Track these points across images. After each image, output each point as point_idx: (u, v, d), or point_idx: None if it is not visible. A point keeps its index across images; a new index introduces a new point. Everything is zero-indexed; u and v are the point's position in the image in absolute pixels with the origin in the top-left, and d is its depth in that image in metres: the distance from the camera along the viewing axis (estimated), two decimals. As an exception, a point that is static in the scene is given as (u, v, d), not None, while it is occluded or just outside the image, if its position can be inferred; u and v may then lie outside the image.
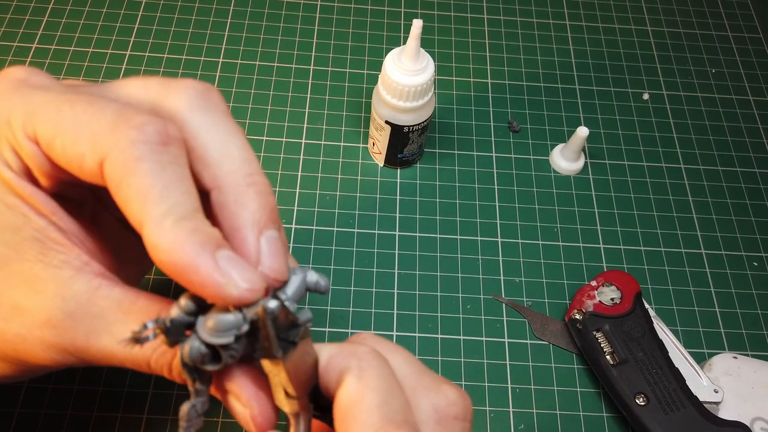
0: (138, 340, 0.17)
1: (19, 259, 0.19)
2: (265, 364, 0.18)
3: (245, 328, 0.17)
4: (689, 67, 0.47)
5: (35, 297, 0.18)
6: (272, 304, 0.17)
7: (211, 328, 0.17)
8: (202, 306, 0.17)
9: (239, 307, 0.17)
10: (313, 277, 0.19)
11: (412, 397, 0.18)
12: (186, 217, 0.17)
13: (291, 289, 0.18)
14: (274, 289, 0.18)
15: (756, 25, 0.50)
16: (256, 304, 0.17)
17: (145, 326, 0.17)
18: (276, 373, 0.17)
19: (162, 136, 0.17)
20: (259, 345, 0.17)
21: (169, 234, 0.16)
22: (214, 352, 0.17)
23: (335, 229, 0.37)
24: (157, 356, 0.18)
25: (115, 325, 0.18)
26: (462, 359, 0.33)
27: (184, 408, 0.18)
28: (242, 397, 0.18)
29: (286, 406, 0.18)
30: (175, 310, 0.17)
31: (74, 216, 0.20)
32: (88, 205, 0.22)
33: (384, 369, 0.18)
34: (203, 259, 0.16)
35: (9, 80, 0.19)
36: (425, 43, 0.46)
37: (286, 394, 0.18)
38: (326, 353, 0.18)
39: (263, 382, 0.18)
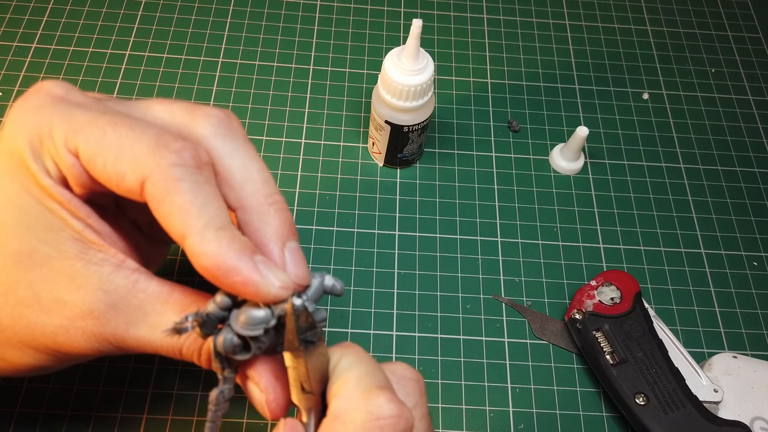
0: (178, 330, 0.19)
1: (61, 257, 0.20)
2: (287, 357, 0.20)
3: (273, 322, 0.19)
4: (689, 66, 0.47)
5: (78, 291, 0.20)
6: (297, 301, 0.19)
7: (243, 322, 0.19)
8: (234, 303, 0.20)
9: (269, 304, 0.19)
10: (329, 281, 0.21)
11: None
12: (224, 228, 0.19)
13: (311, 291, 0.21)
14: (297, 292, 0.20)
15: (755, 25, 0.50)
16: (284, 302, 0.19)
17: (186, 318, 0.19)
18: (295, 366, 0.20)
19: (196, 160, 0.20)
20: (284, 339, 0.19)
21: (212, 242, 0.19)
22: (244, 343, 0.20)
23: (335, 228, 0.37)
24: (189, 344, 0.21)
25: (153, 316, 0.21)
26: (462, 359, 0.33)
27: (214, 393, 0.20)
28: (261, 383, 0.21)
29: (302, 401, 0.20)
30: (212, 306, 0.20)
31: (104, 219, 0.22)
32: (110, 209, 0.24)
33: (364, 354, 0.21)
34: (244, 263, 0.19)
35: (47, 95, 0.21)
36: (425, 43, 0.46)
37: (303, 389, 0.20)
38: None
39: (281, 374, 0.21)
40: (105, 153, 0.20)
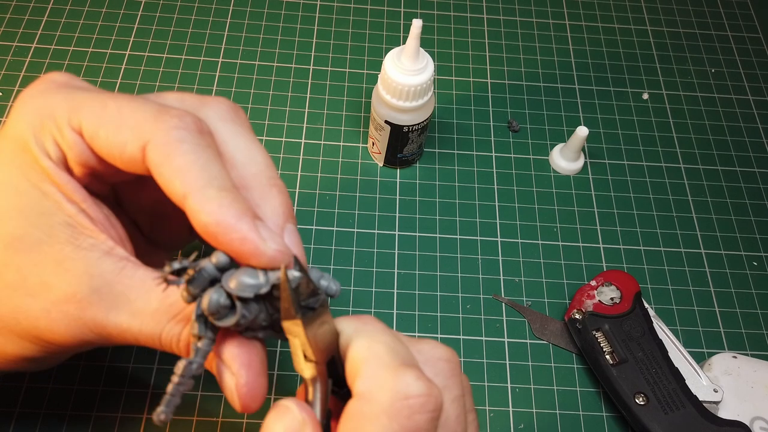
0: (168, 280, 0.18)
1: (51, 242, 0.20)
2: (286, 326, 0.19)
3: (265, 289, 0.19)
4: (689, 66, 0.47)
5: (64, 275, 0.20)
6: (294, 273, 0.19)
7: (236, 283, 0.19)
8: (230, 266, 0.19)
9: (265, 270, 0.19)
10: (325, 281, 0.20)
11: None
12: (226, 188, 0.19)
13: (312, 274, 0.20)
14: (299, 265, 0.20)
15: (755, 25, 0.50)
16: (279, 271, 0.19)
17: (180, 264, 0.18)
18: (296, 334, 0.19)
19: (198, 125, 0.20)
20: (272, 315, 0.19)
21: (213, 201, 0.19)
22: (230, 308, 0.19)
23: (335, 228, 0.37)
24: (169, 330, 0.20)
25: (136, 303, 0.20)
26: (462, 359, 0.33)
27: (181, 363, 0.19)
28: (233, 366, 0.19)
29: (306, 370, 0.19)
30: (207, 262, 0.19)
31: (103, 210, 0.22)
32: (109, 202, 0.24)
33: (388, 329, 0.20)
34: (244, 222, 0.19)
35: (51, 82, 0.22)
36: (425, 43, 0.46)
37: (305, 357, 0.19)
38: (341, 324, 0.20)
39: (257, 361, 0.20)
40: (106, 124, 0.20)
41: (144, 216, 0.27)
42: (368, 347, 0.19)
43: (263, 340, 0.21)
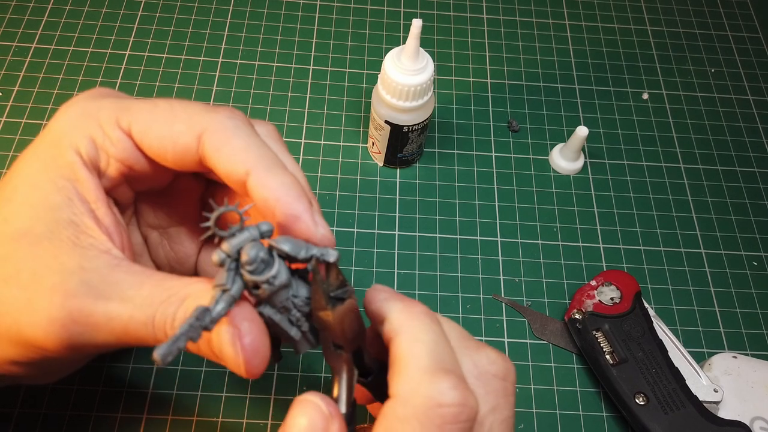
0: (213, 231, 0.18)
1: (52, 237, 0.20)
2: (317, 316, 0.20)
3: (304, 254, 0.20)
4: (688, 66, 0.47)
5: (57, 268, 0.20)
6: (333, 256, 0.20)
7: (283, 242, 0.20)
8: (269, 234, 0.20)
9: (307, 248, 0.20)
10: (317, 251, 0.21)
11: (457, 354, 0.20)
12: (287, 170, 0.21)
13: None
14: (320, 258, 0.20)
15: (755, 25, 0.50)
16: (317, 258, 0.20)
17: (235, 206, 0.19)
18: (325, 325, 0.20)
19: (247, 119, 0.22)
20: (311, 298, 0.20)
21: (277, 177, 0.21)
22: (266, 267, 0.19)
23: (335, 228, 0.37)
24: (163, 309, 0.19)
25: (129, 291, 0.20)
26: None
27: (197, 309, 0.18)
28: (237, 319, 0.19)
29: (333, 358, 0.20)
30: (252, 226, 0.20)
31: (113, 213, 0.22)
32: (128, 215, 0.26)
33: (434, 326, 0.20)
34: (302, 203, 0.21)
35: (100, 90, 0.24)
36: (425, 43, 0.45)
37: (335, 345, 0.20)
38: (389, 312, 0.20)
39: (261, 322, 0.19)
40: (159, 119, 0.22)
41: (155, 238, 0.27)
42: (409, 347, 0.19)
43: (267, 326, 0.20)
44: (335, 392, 0.20)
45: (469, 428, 0.18)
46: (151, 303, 0.19)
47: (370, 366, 0.21)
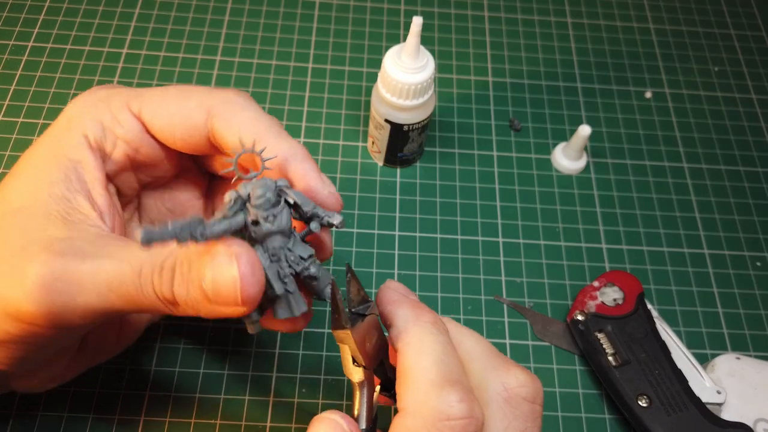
0: (234, 168, 0.20)
1: (43, 211, 0.21)
2: (336, 334, 0.20)
3: (309, 208, 0.21)
4: (692, 65, 0.46)
5: (45, 237, 0.20)
6: (337, 219, 0.22)
7: (293, 192, 0.21)
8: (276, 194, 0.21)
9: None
10: (322, 213, 0.22)
11: (481, 377, 0.20)
12: (292, 139, 0.23)
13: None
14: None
15: (759, 23, 0.49)
16: (321, 218, 0.22)
17: (251, 149, 0.20)
18: (346, 341, 0.20)
19: (253, 99, 0.24)
20: (332, 318, 0.20)
21: (287, 141, 0.23)
22: (272, 206, 0.20)
23: (334, 229, 0.37)
24: (152, 260, 0.19)
25: (118, 251, 0.20)
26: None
27: (192, 216, 0.18)
28: (232, 245, 0.19)
29: (354, 374, 0.20)
30: (272, 179, 0.21)
31: (109, 196, 0.23)
32: (130, 209, 0.26)
33: (440, 336, 0.20)
34: (311, 162, 0.23)
35: (110, 85, 0.25)
36: (425, 41, 0.45)
37: (355, 362, 0.20)
38: (396, 319, 0.20)
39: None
40: (170, 100, 0.23)
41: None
42: (416, 360, 0.19)
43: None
44: (356, 409, 0.20)
45: None
46: (138, 256, 0.20)
47: (393, 378, 0.21)
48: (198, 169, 0.28)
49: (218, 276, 0.18)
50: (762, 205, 0.40)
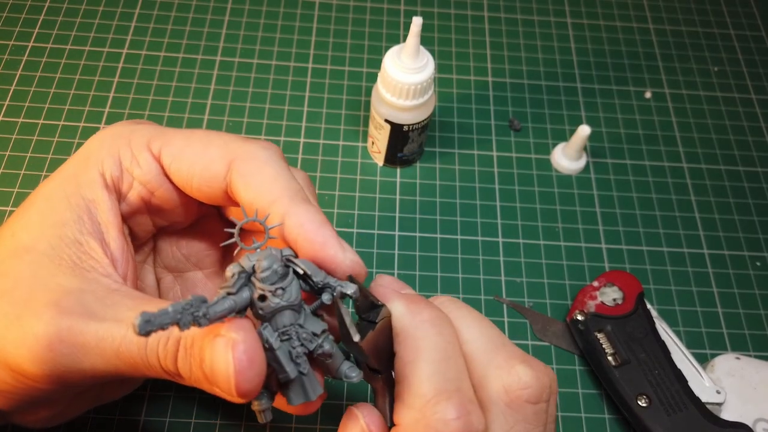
0: (236, 241, 0.19)
1: (53, 255, 0.20)
2: (347, 346, 0.19)
3: (319, 279, 0.19)
4: (691, 65, 0.46)
5: (53, 287, 0.19)
6: (351, 289, 0.19)
7: (302, 262, 0.19)
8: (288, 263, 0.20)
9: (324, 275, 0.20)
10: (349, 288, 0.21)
11: (483, 375, 0.19)
12: (312, 204, 0.21)
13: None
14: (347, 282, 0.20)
15: (758, 23, 0.49)
16: (333, 289, 0.19)
17: (253, 218, 0.19)
18: (357, 351, 0.19)
19: (279, 151, 0.23)
20: (339, 331, 0.19)
21: (304, 206, 0.20)
22: (279, 278, 0.19)
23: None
24: (158, 336, 0.18)
25: (126, 312, 0.19)
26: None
27: (193, 296, 0.17)
28: (230, 328, 0.17)
29: (372, 380, 0.20)
30: (277, 249, 0.19)
31: (124, 240, 0.22)
32: (145, 251, 0.25)
33: (439, 338, 0.18)
34: (329, 228, 0.20)
35: (134, 120, 0.24)
36: (425, 41, 0.45)
37: (371, 369, 0.19)
38: (394, 314, 0.19)
39: (258, 343, 0.18)
40: (194, 145, 0.22)
41: (168, 281, 0.27)
42: (411, 368, 0.18)
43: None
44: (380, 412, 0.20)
45: None
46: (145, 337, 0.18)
47: None
48: (220, 217, 0.27)
49: (215, 364, 0.17)
50: (762, 205, 0.40)
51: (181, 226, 0.26)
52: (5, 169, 0.37)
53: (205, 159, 0.22)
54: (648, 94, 0.45)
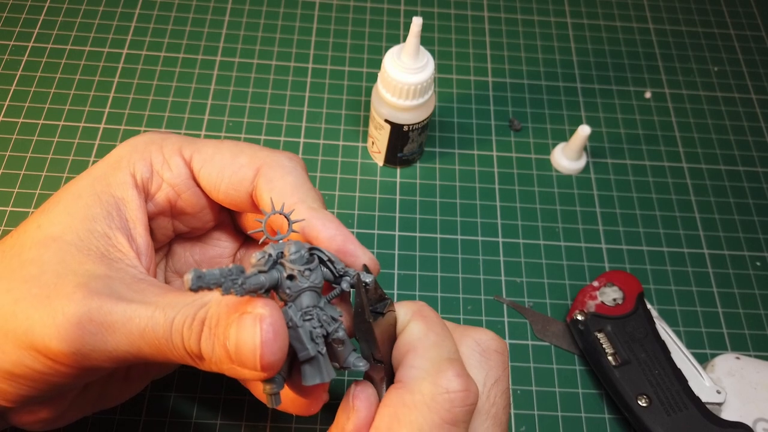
0: (263, 233, 0.20)
1: (81, 246, 0.21)
2: (358, 328, 0.21)
3: (342, 266, 0.21)
4: (691, 65, 0.46)
5: (83, 272, 0.20)
6: (368, 278, 0.21)
7: (329, 253, 0.21)
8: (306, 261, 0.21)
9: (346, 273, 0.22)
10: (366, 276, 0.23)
11: (459, 341, 0.22)
12: (328, 211, 0.23)
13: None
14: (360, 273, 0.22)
15: (758, 23, 0.49)
16: (352, 276, 0.21)
17: (279, 211, 0.21)
18: (366, 338, 0.21)
19: (304, 164, 0.25)
20: (354, 313, 0.21)
21: (322, 212, 0.22)
22: (305, 262, 0.20)
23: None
24: (185, 311, 0.19)
25: (152, 297, 0.20)
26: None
27: (234, 265, 0.18)
28: (257, 304, 0.18)
29: (375, 370, 0.21)
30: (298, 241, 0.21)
31: (148, 238, 0.23)
32: (160, 255, 0.26)
33: (439, 318, 0.22)
34: (346, 231, 0.22)
35: (157, 130, 0.25)
36: (425, 41, 0.45)
37: (374, 359, 0.21)
38: (397, 307, 0.22)
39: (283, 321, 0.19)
40: (224, 152, 0.24)
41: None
42: (417, 338, 0.21)
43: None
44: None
45: (472, 410, 0.20)
46: (173, 305, 0.19)
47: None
48: (234, 227, 0.28)
49: (241, 338, 0.18)
50: (762, 205, 0.40)
51: (198, 233, 0.27)
52: (5, 169, 0.37)
53: (235, 165, 0.23)
54: (648, 94, 0.45)
